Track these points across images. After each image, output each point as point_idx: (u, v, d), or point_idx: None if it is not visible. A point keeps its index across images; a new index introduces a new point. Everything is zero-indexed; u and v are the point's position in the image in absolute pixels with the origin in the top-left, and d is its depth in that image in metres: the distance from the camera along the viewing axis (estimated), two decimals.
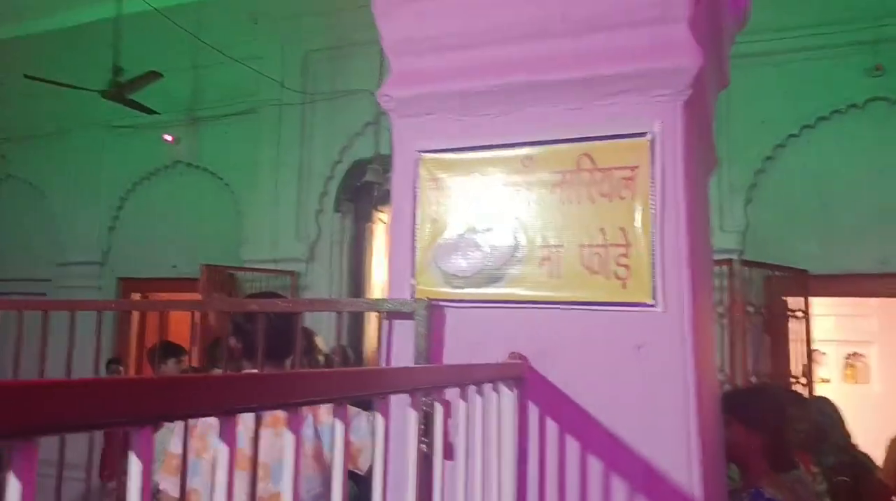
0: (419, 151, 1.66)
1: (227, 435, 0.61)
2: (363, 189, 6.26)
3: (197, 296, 6.46)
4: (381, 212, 6.55)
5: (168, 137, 6.71)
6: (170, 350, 4.11)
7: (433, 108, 1.66)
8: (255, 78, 6.28)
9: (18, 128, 7.40)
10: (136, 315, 6.95)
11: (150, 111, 6.01)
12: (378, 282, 6.64)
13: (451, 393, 1.13)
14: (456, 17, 1.66)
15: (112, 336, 6.63)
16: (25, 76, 5.71)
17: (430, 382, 0.99)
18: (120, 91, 5.60)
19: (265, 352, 1.75)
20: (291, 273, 6.14)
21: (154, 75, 5.57)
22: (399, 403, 0.97)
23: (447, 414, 1.13)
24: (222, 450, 0.61)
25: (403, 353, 1.52)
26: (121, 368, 5.48)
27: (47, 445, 0.50)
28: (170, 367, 4.07)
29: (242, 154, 6.48)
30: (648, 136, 1.45)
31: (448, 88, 1.64)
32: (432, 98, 1.66)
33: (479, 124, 1.62)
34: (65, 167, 7.29)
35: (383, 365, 1.56)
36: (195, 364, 4.35)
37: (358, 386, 0.80)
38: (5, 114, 7.45)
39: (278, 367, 2.06)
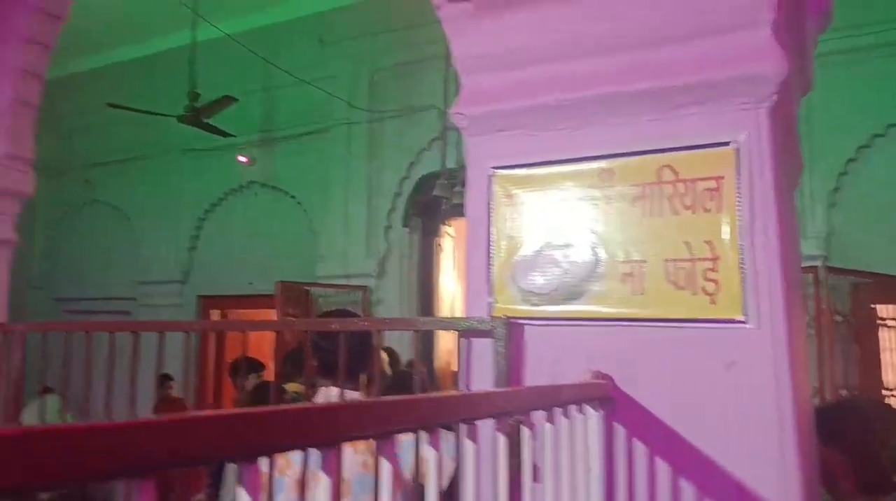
0: (493, 168, 1.65)
1: (331, 466, 0.61)
2: (431, 204, 6.30)
3: (274, 313, 6.63)
4: (449, 226, 6.58)
5: (243, 158, 6.92)
6: (250, 365, 4.22)
7: (506, 125, 1.65)
8: (324, 98, 6.42)
9: (102, 155, 7.78)
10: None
11: (225, 134, 6.22)
12: (447, 296, 6.66)
13: (536, 414, 1.10)
14: (527, 33, 1.64)
15: (194, 351, 6.82)
16: (108, 104, 6.01)
17: (518, 406, 0.97)
18: (197, 115, 5.80)
19: (330, 367, 1.77)
20: (363, 288, 6.22)
21: (228, 99, 5.75)
22: (483, 425, 0.96)
23: (533, 437, 1.11)
24: (325, 481, 0.61)
25: (482, 373, 1.50)
26: (172, 383, 5.62)
27: None
28: (250, 382, 4.17)
29: (315, 173, 6.62)
30: (733, 146, 1.39)
31: (520, 104, 1.63)
32: (504, 114, 1.65)
33: (554, 139, 1.59)
34: (146, 190, 7.63)
35: (462, 384, 1.54)
36: (272, 379, 4.43)
37: (449, 412, 0.79)
38: (90, 142, 7.85)
39: (353, 384, 2.07)
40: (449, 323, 1.60)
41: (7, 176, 3.50)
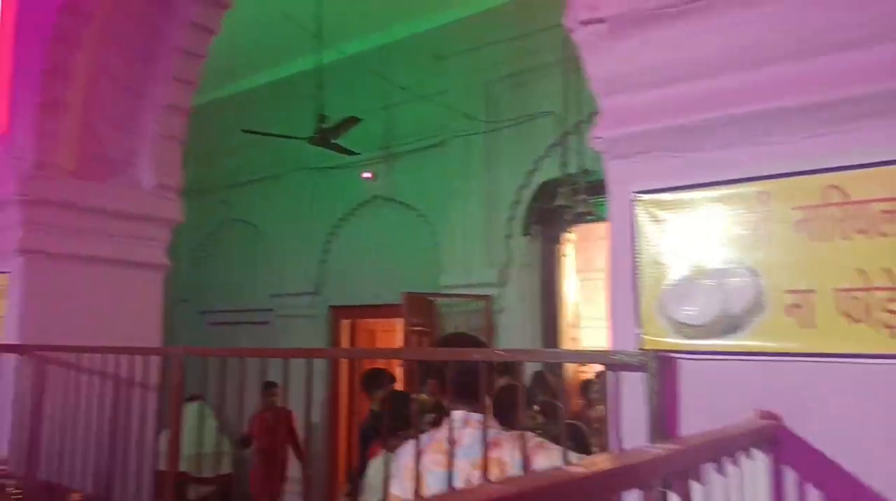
0: (636, 192, 1.58)
1: None
2: (551, 211, 6.21)
3: (400, 322, 6.75)
4: (571, 233, 6.46)
5: (367, 175, 7.11)
6: (383, 378, 4.29)
7: (648, 146, 1.57)
8: (441, 112, 6.48)
9: (238, 176, 8.23)
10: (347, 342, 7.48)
11: (350, 152, 6.40)
12: (570, 304, 6.54)
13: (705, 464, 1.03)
14: (668, 50, 1.56)
15: (325, 365, 6.99)
16: (243, 130, 6.36)
17: (692, 463, 0.91)
18: (324, 137, 5.99)
19: (460, 392, 1.76)
20: (486, 297, 6.21)
21: (353, 120, 5.91)
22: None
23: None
24: None
25: (633, 410, 1.43)
26: (276, 390, 5.60)
27: None
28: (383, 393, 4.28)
29: (434, 185, 6.69)
30: None
31: (664, 124, 1.54)
32: (647, 135, 1.57)
33: (702, 160, 1.50)
34: (279, 207, 7.99)
35: (611, 422, 1.48)
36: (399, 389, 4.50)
37: (633, 478, 0.74)
38: (227, 164, 8.33)
39: (474, 406, 1.99)
40: (595, 356, 1.55)
41: (158, 205, 3.77)
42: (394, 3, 6.46)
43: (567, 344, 6.41)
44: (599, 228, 6.46)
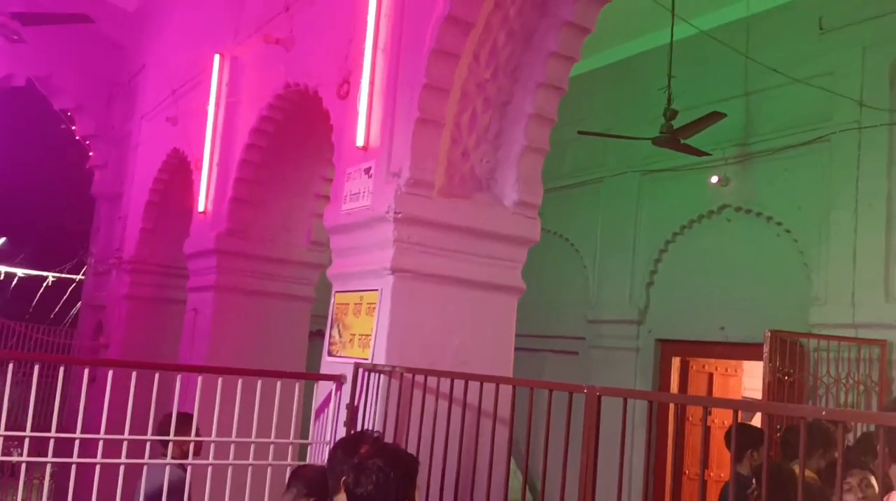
0: None
1: None
2: None
3: (752, 366, 6.69)
4: None
5: (715, 179, 7.13)
6: (758, 438, 4.24)
7: None
8: (823, 99, 6.34)
9: (552, 179, 8.65)
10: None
11: (700, 153, 6.48)
12: None
13: None
14: None
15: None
16: (579, 132, 6.79)
17: None
18: (674, 136, 6.12)
19: None
20: (880, 342, 5.97)
21: (715, 116, 5.98)
22: None
23: None
24: None
25: None
26: None
27: None
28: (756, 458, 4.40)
29: (807, 193, 6.54)
30: None
31: None
32: None
33: None
34: (598, 218, 8.45)
35: None
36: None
37: None
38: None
39: None
40: None
41: (518, 224, 4.49)
42: None
43: None
44: None
